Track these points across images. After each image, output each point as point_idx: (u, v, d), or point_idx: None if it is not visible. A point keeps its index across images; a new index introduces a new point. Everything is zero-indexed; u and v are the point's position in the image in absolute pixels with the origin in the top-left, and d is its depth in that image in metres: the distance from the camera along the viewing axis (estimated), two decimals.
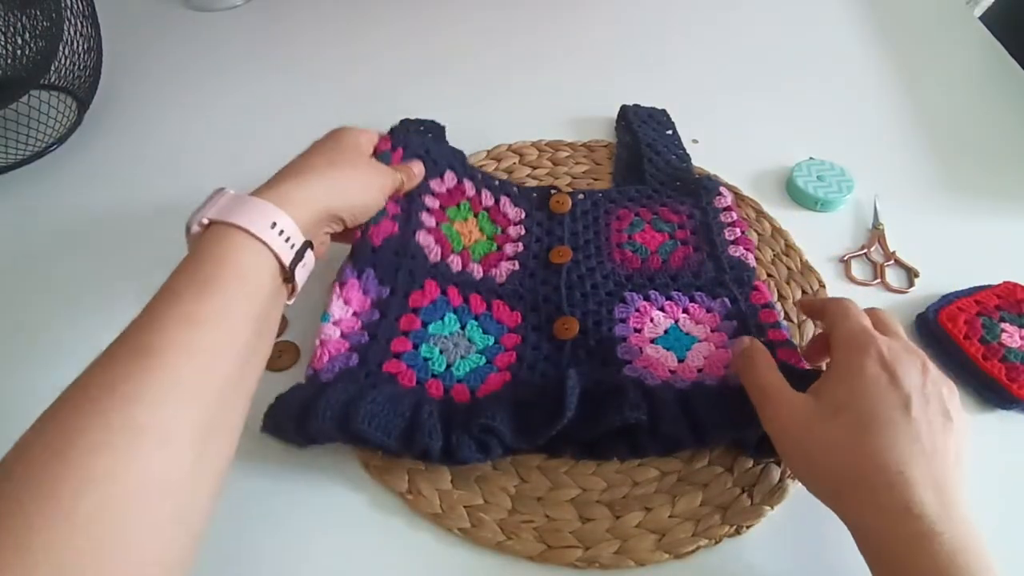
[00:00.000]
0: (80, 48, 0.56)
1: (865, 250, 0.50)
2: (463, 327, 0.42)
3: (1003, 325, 0.44)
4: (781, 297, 0.46)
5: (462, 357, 0.41)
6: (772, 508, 0.37)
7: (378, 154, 0.44)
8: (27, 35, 0.52)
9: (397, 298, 0.42)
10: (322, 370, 0.39)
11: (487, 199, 0.49)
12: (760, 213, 0.52)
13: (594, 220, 0.49)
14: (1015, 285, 0.46)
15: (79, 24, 0.56)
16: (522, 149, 0.57)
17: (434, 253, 0.45)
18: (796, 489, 0.38)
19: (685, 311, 0.43)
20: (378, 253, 0.42)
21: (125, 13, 0.72)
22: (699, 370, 0.40)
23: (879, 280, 0.48)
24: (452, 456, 0.35)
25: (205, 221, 0.33)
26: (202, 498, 0.28)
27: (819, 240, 0.50)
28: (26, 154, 0.56)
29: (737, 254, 0.46)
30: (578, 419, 0.35)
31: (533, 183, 0.54)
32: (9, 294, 0.47)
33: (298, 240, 0.34)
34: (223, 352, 0.29)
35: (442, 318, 0.42)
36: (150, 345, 0.27)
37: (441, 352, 0.41)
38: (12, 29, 0.51)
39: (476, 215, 0.49)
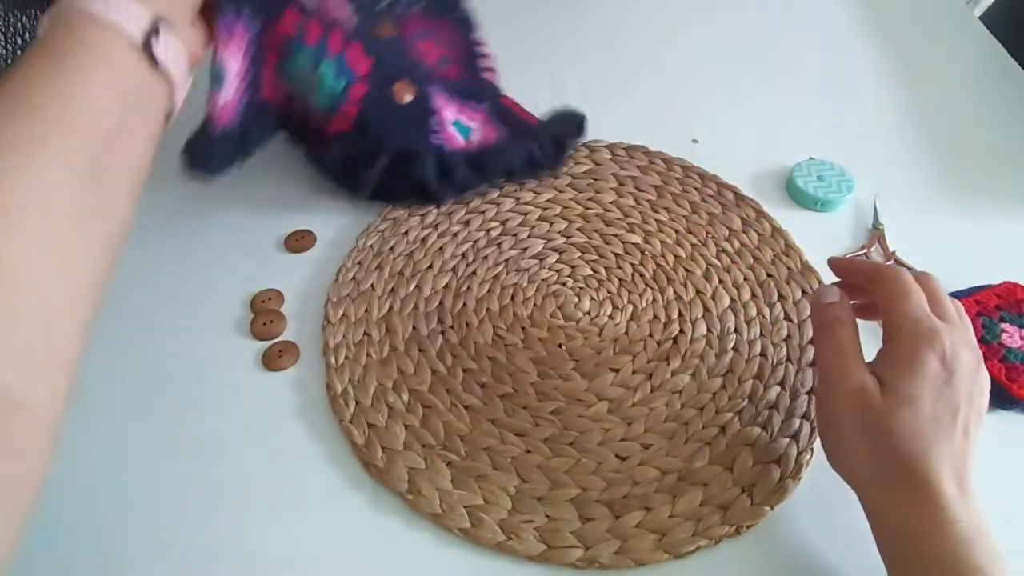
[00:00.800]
0: None
1: (865, 250, 0.50)
2: (315, 68, 0.44)
3: (1003, 325, 0.44)
4: (781, 297, 0.47)
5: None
6: (772, 508, 0.37)
7: None
8: (27, 35, 0.52)
9: (262, 35, 0.41)
10: (228, 124, 0.41)
11: None
12: (760, 213, 0.52)
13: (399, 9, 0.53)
14: (1015, 285, 0.46)
15: None
16: None
17: None
18: (796, 489, 0.38)
19: (461, 112, 0.52)
20: None
21: None
22: (480, 143, 0.51)
23: None
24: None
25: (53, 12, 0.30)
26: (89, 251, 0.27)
27: (819, 240, 0.50)
28: None
29: (489, 77, 0.56)
30: (391, 174, 0.47)
31: (533, 183, 0.54)
32: None
33: (141, 17, 0.30)
34: (84, 121, 0.27)
35: (294, 54, 0.43)
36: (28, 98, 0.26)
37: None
38: (12, 29, 0.51)
39: None
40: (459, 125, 0.52)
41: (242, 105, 0.41)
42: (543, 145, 0.52)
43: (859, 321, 0.37)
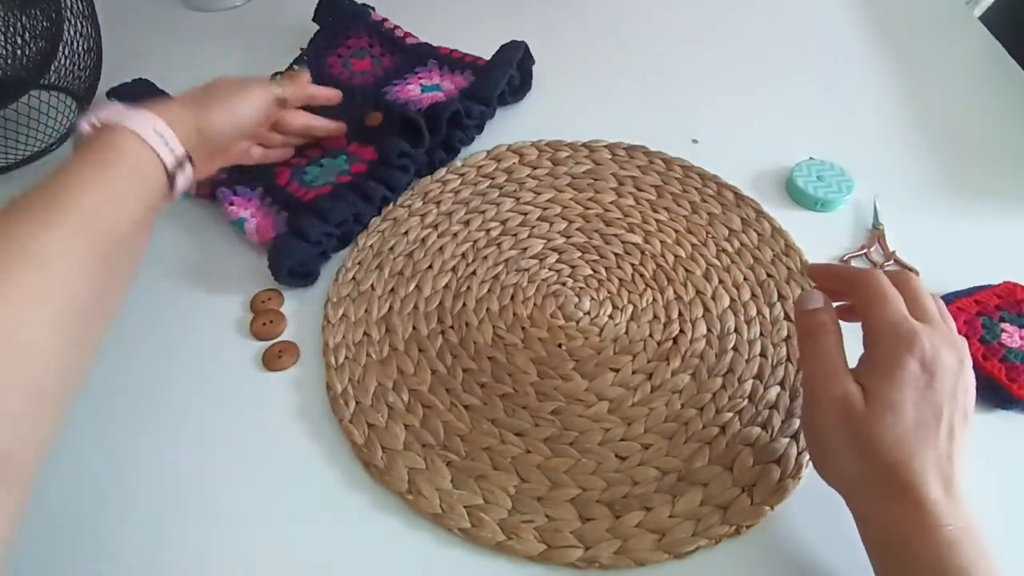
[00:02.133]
0: (80, 48, 0.56)
1: (865, 250, 0.50)
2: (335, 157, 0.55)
3: (1003, 325, 0.44)
4: (781, 297, 0.47)
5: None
6: (772, 508, 0.37)
7: None
8: (27, 35, 0.51)
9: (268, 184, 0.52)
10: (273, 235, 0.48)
11: None
12: (760, 213, 0.52)
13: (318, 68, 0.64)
14: (1015, 285, 0.46)
15: (79, 24, 0.56)
16: (522, 149, 0.57)
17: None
18: (796, 489, 0.38)
19: (420, 78, 0.62)
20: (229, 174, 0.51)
21: (125, 13, 0.72)
22: (455, 89, 0.60)
23: None
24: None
25: (97, 123, 0.36)
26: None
27: (819, 240, 0.50)
28: (26, 154, 0.56)
29: (412, 42, 0.66)
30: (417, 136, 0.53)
31: (533, 183, 0.54)
32: None
33: (177, 148, 0.38)
34: (119, 219, 0.33)
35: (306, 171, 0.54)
36: (66, 199, 0.32)
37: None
38: (12, 29, 0.51)
39: None
40: (425, 88, 0.61)
41: (276, 218, 0.50)
42: (514, 73, 0.60)
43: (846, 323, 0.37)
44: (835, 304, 0.38)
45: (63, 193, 0.32)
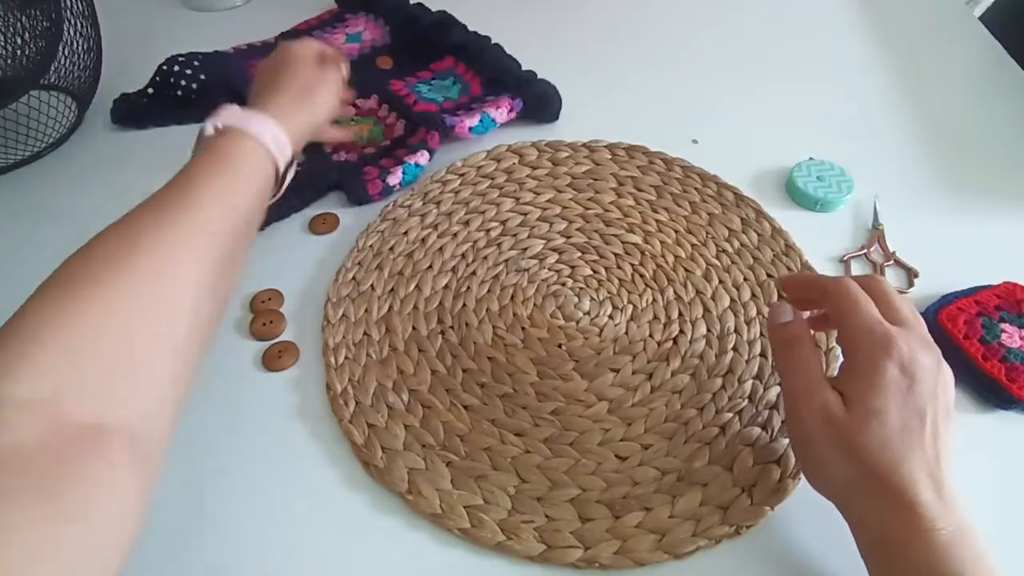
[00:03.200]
0: (80, 48, 0.56)
1: (865, 250, 0.50)
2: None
3: (1003, 325, 0.44)
4: (781, 298, 0.46)
5: None
6: (772, 508, 0.37)
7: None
8: (27, 35, 0.52)
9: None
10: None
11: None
12: (760, 213, 0.52)
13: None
14: (1015, 285, 0.46)
15: (79, 24, 0.56)
16: (522, 149, 0.57)
17: None
18: (796, 489, 0.38)
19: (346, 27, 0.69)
20: None
21: (125, 13, 0.72)
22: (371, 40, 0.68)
23: None
24: None
25: (220, 126, 0.38)
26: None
27: (819, 240, 0.50)
28: (26, 154, 0.56)
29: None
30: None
31: (532, 183, 0.54)
32: (9, 295, 0.47)
33: (287, 151, 0.41)
34: (238, 217, 0.36)
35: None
36: (190, 198, 0.34)
37: None
38: (12, 29, 0.51)
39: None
40: (351, 38, 0.68)
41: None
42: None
43: None
44: (816, 313, 0.38)
45: (188, 194, 0.34)
